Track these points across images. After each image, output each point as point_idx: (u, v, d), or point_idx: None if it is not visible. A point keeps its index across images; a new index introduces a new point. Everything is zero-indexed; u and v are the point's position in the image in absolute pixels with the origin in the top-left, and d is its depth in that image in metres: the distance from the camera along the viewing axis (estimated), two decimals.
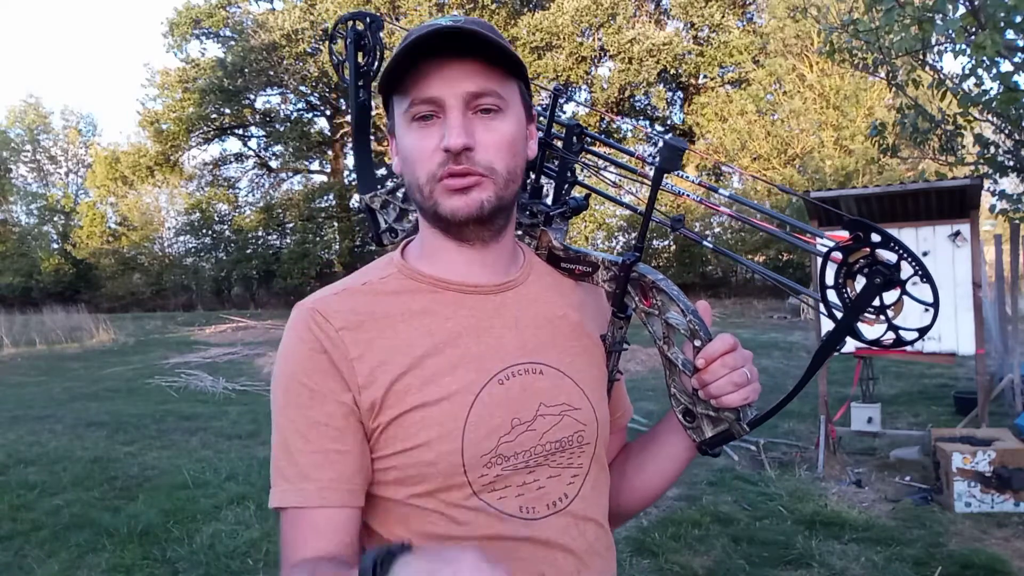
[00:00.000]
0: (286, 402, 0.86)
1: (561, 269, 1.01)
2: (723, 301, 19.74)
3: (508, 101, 0.87)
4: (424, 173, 0.86)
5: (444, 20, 0.85)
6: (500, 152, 0.86)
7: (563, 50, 22.58)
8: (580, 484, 0.92)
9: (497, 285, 0.94)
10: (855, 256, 0.77)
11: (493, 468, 0.85)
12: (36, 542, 4.03)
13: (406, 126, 0.87)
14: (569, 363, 0.93)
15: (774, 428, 6.19)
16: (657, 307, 0.91)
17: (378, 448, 0.86)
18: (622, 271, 0.92)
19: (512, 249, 0.97)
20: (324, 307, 0.88)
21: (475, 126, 0.85)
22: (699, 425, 0.91)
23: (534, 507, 0.87)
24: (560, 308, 0.97)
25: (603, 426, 0.95)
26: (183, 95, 25.61)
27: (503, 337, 0.91)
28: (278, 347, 0.91)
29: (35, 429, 6.80)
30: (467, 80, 0.84)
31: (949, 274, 4.84)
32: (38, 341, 14.64)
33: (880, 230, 0.75)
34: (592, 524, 0.93)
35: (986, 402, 5.01)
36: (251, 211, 28.76)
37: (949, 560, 3.52)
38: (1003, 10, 4.24)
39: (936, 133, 6.02)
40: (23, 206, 31.15)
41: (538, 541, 0.87)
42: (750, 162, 20.32)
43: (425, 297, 0.91)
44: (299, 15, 23.40)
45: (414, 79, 0.84)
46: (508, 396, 0.87)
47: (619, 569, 0.99)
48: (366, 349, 0.86)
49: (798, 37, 19.24)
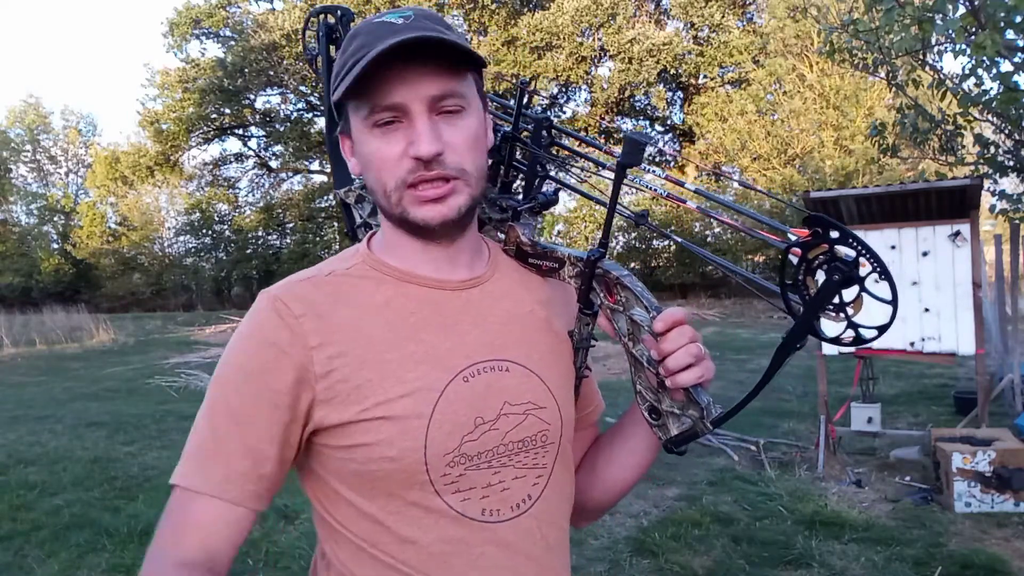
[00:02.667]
0: (222, 385, 0.85)
1: (528, 265, 0.99)
2: (723, 301, 19.74)
3: (469, 97, 0.86)
4: (392, 180, 0.84)
5: (394, 17, 0.83)
6: (468, 151, 0.85)
7: (563, 50, 22.59)
8: (544, 485, 0.91)
9: (463, 281, 0.92)
10: (814, 252, 0.76)
11: (456, 467, 0.84)
12: (36, 542, 4.02)
13: (367, 132, 0.85)
14: (536, 360, 0.92)
15: (774, 428, 6.19)
16: (622, 303, 0.90)
17: (336, 439, 0.84)
18: (587, 267, 0.91)
19: (476, 243, 0.96)
20: (287, 294, 0.86)
21: (441, 129, 0.83)
22: (664, 423, 0.90)
23: (498, 509, 0.86)
24: (527, 304, 0.96)
25: (568, 425, 0.94)
26: (183, 95, 25.62)
27: (469, 334, 0.89)
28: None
29: (35, 429, 6.79)
30: (429, 84, 0.82)
31: (949, 274, 4.84)
32: (38, 341, 14.63)
33: (838, 225, 0.74)
34: (554, 525, 0.92)
35: (986, 402, 5.01)
36: (251, 211, 28.78)
37: (949, 560, 3.52)
38: (1003, 10, 4.25)
39: (936, 133, 6.03)
40: (23, 206, 31.15)
41: (498, 545, 0.86)
42: (750, 162, 20.34)
43: (389, 289, 0.89)
44: (299, 15, 23.39)
45: (373, 85, 0.82)
46: (473, 394, 0.86)
47: (619, 569, 0.99)
48: (326, 339, 0.84)
49: (798, 37, 19.24)
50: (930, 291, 4.89)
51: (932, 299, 4.89)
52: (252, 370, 0.84)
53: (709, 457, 5.42)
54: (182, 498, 0.83)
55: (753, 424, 6.28)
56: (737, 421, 6.42)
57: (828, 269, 0.75)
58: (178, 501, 0.84)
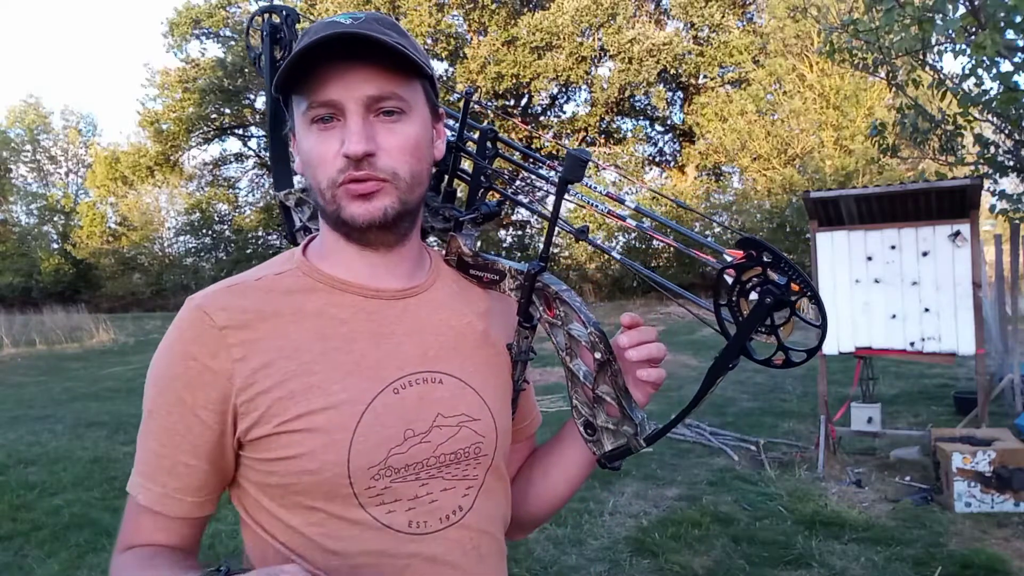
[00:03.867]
0: (152, 399, 0.85)
1: (469, 276, 0.99)
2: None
3: (411, 103, 0.85)
4: (325, 178, 0.84)
5: (343, 18, 0.83)
6: (403, 156, 0.84)
7: (563, 50, 22.58)
8: (475, 496, 0.90)
9: (400, 290, 0.91)
10: (748, 274, 0.77)
11: (381, 480, 0.83)
12: (36, 542, 4.02)
13: (306, 128, 0.85)
14: (471, 372, 0.91)
15: (774, 428, 6.19)
16: (560, 318, 0.90)
17: (259, 452, 0.83)
18: (527, 280, 0.91)
19: (418, 253, 0.95)
20: (210, 305, 0.84)
21: (376, 130, 0.83)
22: (599, 438, 0.91)
23: (425, 521, 0.85)
24: (465, 316, 0.95)
25: (503, 436, 0.93)
26: (183, 95, 25.62)
27: (403, 344, 0.88)
28: None
29: (35, 429, 6.79)
30: (367, 83, 0.81)
31: (949, 274, 4.84)
32: (38, 341, 14.63)
33: (771, 248, 0.75)
34: (487, 536, 0.91)
35: (986, 402, 5.01)
36: (251, 211, 28.77)
37: (949, 560, 3.52)
38: (1003, 10, 4.25)
39: (936, 133, 6.02)
40: (23, 206, 31.13)
41: (425, 557, 0.85)
42: (750, 162, 20.33)
43: (321, 298, 0.87)
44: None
45: (313, 80, 0.82)
46: (403, 406, 0.85)
47: (619, 569, 0.99)
48: (250, 350, 0.82)
49: (798, 37, 19.23)
50: (930, 291, 4.89)
51: (932, 299, 4.89)
52: (178, 386, 0.83)
53: (709, 457, 5.42)
54: (132, 506, 0.87)
55: (753, 424, 6.28)
56: (737, 421, 6.42)
57: (761, 291, 0.76)
58: (130, 509, 0.88)
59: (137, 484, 0.86)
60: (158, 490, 0.84)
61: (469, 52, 23.20)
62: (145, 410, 0.86)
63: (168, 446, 0.84)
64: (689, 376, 8.42)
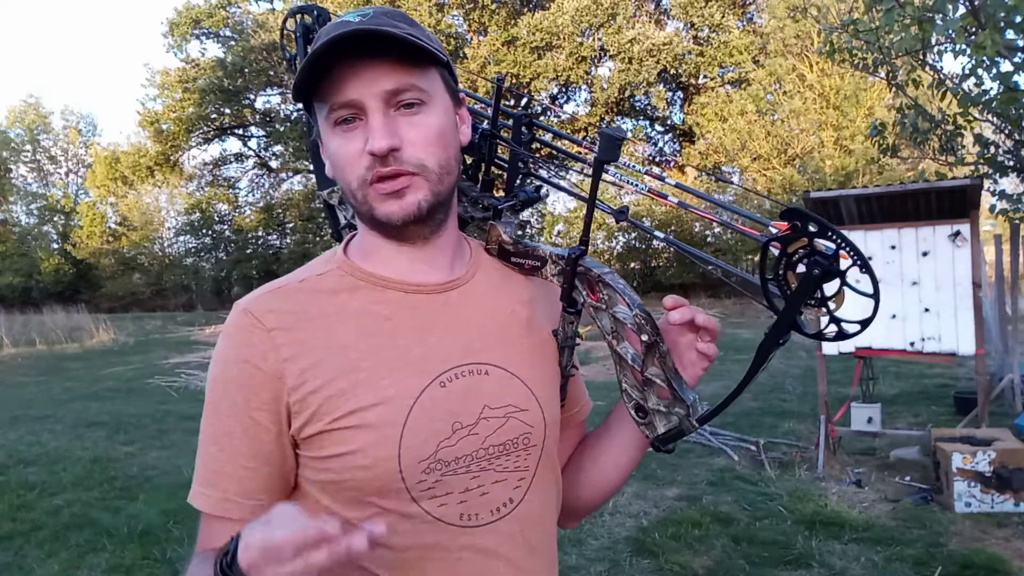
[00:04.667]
0: (210, 406, 0.86)
1: (511, 264, 0.98)
2: (723, 301, 19.72)
3: (430, 92, 0.85)
4: (354, 178, 0.84)
5: (352, 16, 0.83)
6: (429, 147, 0.84)
7: (563, 50, 22.59)
8: (526, 488, 0.90)
9: (441, 284, 0.91)
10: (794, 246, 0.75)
11: (432, 474, 0.83)
12: (36, 542, 4.02)
13: (330, 131, 0.85)
14: (518, 362, 0.91)
15: (774, 428, 6.19)
16: (604, 301, 0.89)
17: (312, 450, 0.84)
18: (568, 265, 0.90)
19: (457, 243, 0.95)
20: (257, 308, 0.85)
21: (399, 124, 0.82)
22: (651, 421, 0.89)
23: (477, 513, 0.86)
24: (508, 305, 0.95)
25: (552, 426, 0.93)
26: (183, 95, 25.64)
27: (446, 338, 0.88)
28: None
29: (35, 429, 6.80)
30: (383, 78, 0.81)
31: (949, 274, 4.84)
32: (38, 341, 14.63)
33: (816, 218, 0.72)
34: (538, 528, 0.91)
35: (986, 402, 5.01)
36: (251, 211, 28.78)
37: (949, 560, 3.52)
38: (1003, 10, 4.25)
39: (936, 133, 6.02)
40: (23, 206, 31.13)
41: (477, 549, 0.85)
42: (750, 162, 20.34)
43: (364, 295, 0.88)
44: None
45: (329, 84, 0.82)
46: (450, 399, 0.85)
47: (619, 569, 0.99)
48: (299, 350, 0.83)
49: (798, 37, 19.24)
50: (930, 291, 4.89)
51: (932, 299, 4.89)
52: (230, 391, 0.84)
53: (709, 457, 5.42)
54: (203, 517, 0.87)
55: (753, 424, 6.28)
56: (737, 421, 6.42)
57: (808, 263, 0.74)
58: (202, 520, 0.88)
59: (198, 493, 0.86)
60: (217, 495, 0.85)
61: (469, 52, 23.22)
62: (204, 420, 0.87)
63: (227, 450, 0.85)
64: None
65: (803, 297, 0.75)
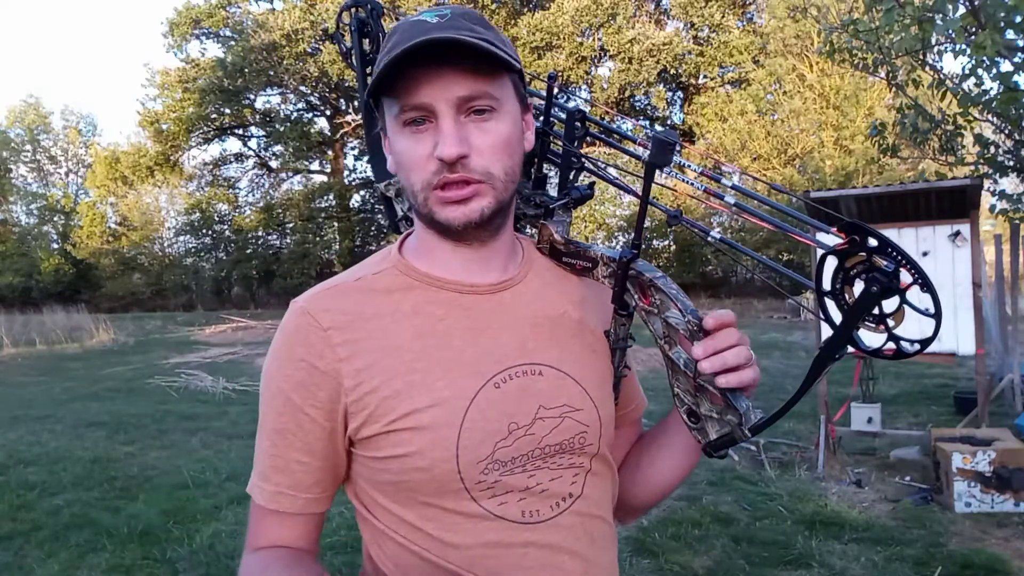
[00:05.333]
0: (265, 403, 0.88)
1: (562, 263, 0.98)
2: (723, 301, 19.75)
3: (501, 100, 0.84)
4: (419, 180, 0.84)
5: (429, 16, 0.82)
6: (496, 155, 0.84)
7: (563, 50, 22.60)
8: (583, 482, 0.90)
9: (495, 284, 0.91)
10: (852, 261, 0.74)
11: (491, 474, 0.84)
12: (36, 542, 4.02)
13: (399, 130, 0.85)
14: (571, 362, 0.91)
15: (774, 428, 6.19)
16: (656, 306, 0.88)
17: (369, 451, 0.85)
18: (620, 268, 0.90)
19: (511, 245, 0.95)
20: (314, 307, 0.87)
21: (469, 130, 0.82)
22: (703, 427, 0.88)
23: (537, 510, 0.86)
24: (560, 305, 0.95)
25: (607, 425, 0.93)
26: (183, 95, 25.65)
27: (500, 338, 0.88)
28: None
29: (35, 429, 6.80)
30: (457, 85, 0.81)
31: (949, 274, 4.84)
32: (38, 341, 14.63)
33: (877, 234, 0.71)
34: (597, 520, 0.92)
35: (986, 402, 5.01)
36: (251, 211, 28.79)
37: (949, 560, 3.52)
38: (1003, 10, 4.25)
39: (936, 133, 6.02)
40: (23, 206, 31.16)
41: (542, 545, 0.86)
42: (750, 162, 20.33)
43: (419, 296, 0.89)
44: (299, 15, 23.41)
45: (404, 83, 0.81)
46: (505, 400, 0.85)
47: (619, 569, 0.99)
48: (354, 350, 0.84)
49: (798, 37, 19.24)
50: None
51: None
52: (287, 388, 0.86)
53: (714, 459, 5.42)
54: (254, 509, 0.91)
55: None
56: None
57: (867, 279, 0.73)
58: (253, 512, 0.91)
59: (254, 485, 0.89)
60: (271, 488, 0.87)
61: None
62: (261, 416, 0.89)
63: (280, 445, 0.87)
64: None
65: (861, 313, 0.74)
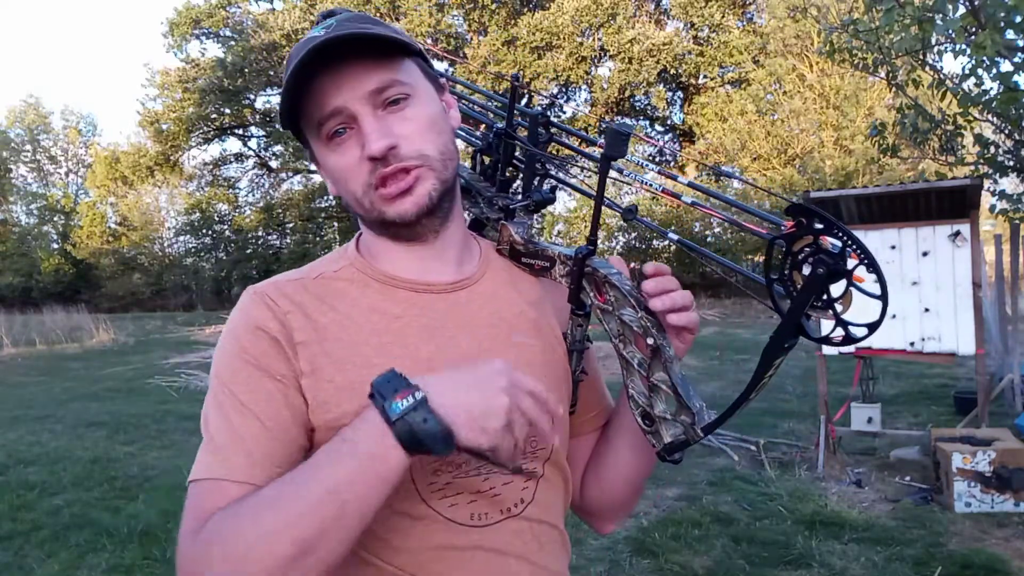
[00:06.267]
0: (226, 377, 0.82)
1: (521, 264, 0.97)
2: (723, 301, 19.73)
3: (413, 84, 0.85)
4: (357, 186, 0.84)
5: (317, 30, 0.83)
6: (425, 136, 0.84)
7: (563, 50, 22.60)
8: (534, 489, 0.89)
9: (451, 283, 0.91)
10: (799, 244, 0.71)
11: (442, 475, 0.83)
12: (36, 542, 4.02)
13: (323, 148, 0.85)
14: (526, 364, 0.89)
15: (774, 428, 6.19)
16: (611, 303, 0.87)
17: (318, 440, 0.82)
18: (576, 265, 0.89)
19: (463, 239, 0.95)
20: (274, 291, 0.86)
21: (390, 123, 0.82)
22: (658, 429, 0.87)
23: (487, 512, 0.85)
24: (517, 306, 0.94)
25: (560, 427, 0.92)
26: (183, 95, 25.65)
27: (455, 337, 0.88)
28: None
29: (35, 429, 6.79)
30: (364, 80, 0.81)
31: (949, 274, 4.84)
32: (38, 341, 14.62)
33: (822, 214, 0.69)
34: (546, 526, 0.91)
35: (986, 402, 5.01)
36: (251, 211, 28.80)
37: (949, 560, 3.52)
38: (1003, 10, 4.25)
39: (936, 133, 6.02)
40: (23, 206, 31.16)
41: (489, 549, 0.84)
42: (750, 162, 20.34)
43: (375, 293, 0.88)
44: (299, 15, 23.43)
45: (313, 98, 0.82)
46: None
47: (619, 569, 0.99)
48: (311, 337, 0.83)
49: (798, 37, 19.25)
50: (930, 291, 4.89)
51: (932, 299, 4.89)
52: (248, 357, 0.82)
53: (709, 457, 5.42)
54: (205, 489, 0.77)
55: (753, 424, 6.27)
56: (737, 421, 6.42)
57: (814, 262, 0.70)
58: (201, 494, 0.77)
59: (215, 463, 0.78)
60: (242, 460, 0.78)
61: (469, 52, 23.22)
62: (216, 394, 0.82)
63: (249, 416, 0.80)
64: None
65: (808, 298, 0.71)
